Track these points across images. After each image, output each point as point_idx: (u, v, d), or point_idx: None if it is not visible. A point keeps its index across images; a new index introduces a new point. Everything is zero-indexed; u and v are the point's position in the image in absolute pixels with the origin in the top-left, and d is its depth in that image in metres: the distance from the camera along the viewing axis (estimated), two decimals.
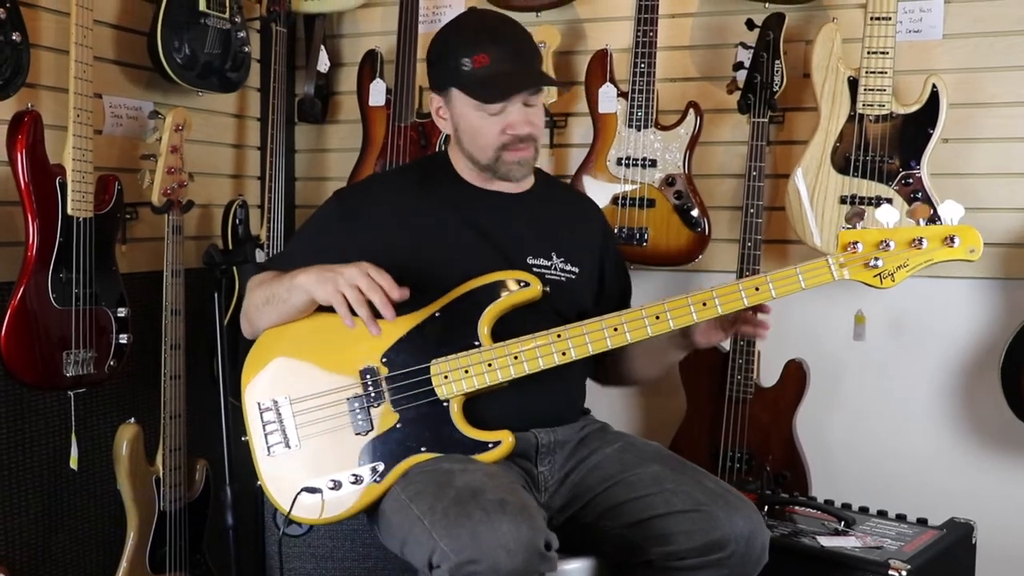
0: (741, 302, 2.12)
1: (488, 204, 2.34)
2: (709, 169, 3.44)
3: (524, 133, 2.24)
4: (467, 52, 2.21)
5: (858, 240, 2.10)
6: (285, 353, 2.24)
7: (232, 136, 3.83)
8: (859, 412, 3.37)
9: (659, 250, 3.30)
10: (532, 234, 2.34)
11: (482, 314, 2.18)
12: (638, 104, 3.25)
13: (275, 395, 2.20)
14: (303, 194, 4.03)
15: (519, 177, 2.31)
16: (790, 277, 2.10)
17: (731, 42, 3.33)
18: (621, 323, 2.13)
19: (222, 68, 3.40)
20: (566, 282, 2.33)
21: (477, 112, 2.25)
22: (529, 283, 2.20)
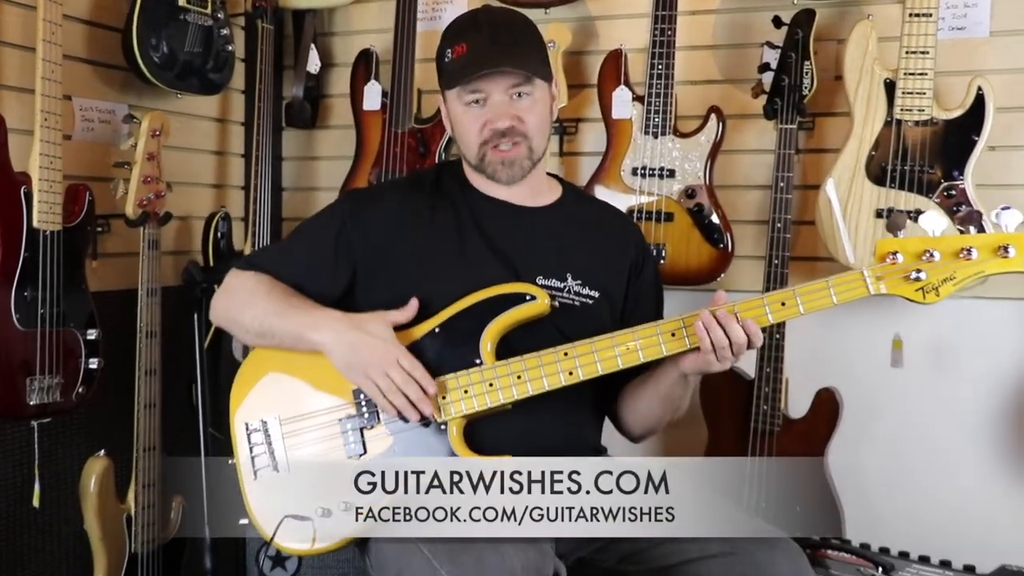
0: (765, 318, 2.09)
1: (500, 216, 2.34)
2: (732, 180, 3.43)
3: (503, 127, 2.23)
4: (450, 44, 2.26)
5: (898, 250, 2.05)
6: (276, 371, 2.26)
7: (214, 142, 3.83)
8: (898, 446, 3.36)
9: (678, 268, 3.29)
10: (547, 251, 2.32)
11: (484, 330, 2.17)
12: (655, 109, 3.25)
13: (264, 415, 2.22)
14: (291, 205, 4.02)
15: (506, 179, 2.29)
16: (820, 291, 2.07)
17: (756, 41, 3.34)
18: (634, 340, 2.12)
19: (203, 68, 3.39)
20: (580, 307, 2.30)
21: (461, 106, 2.26)
22: (535, 297, 2.18)
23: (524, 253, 2.29)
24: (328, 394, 2.20)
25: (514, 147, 2.26)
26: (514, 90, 2.23)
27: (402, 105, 3.52)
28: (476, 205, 2.34)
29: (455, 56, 2.24)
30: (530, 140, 2.27)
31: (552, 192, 2.41)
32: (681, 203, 3.27)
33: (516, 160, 2.27)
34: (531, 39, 2.32)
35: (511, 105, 2.24)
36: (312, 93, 3.88)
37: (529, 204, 2.36)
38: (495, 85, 2.22)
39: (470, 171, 2.37)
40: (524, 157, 2.28)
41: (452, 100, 2.29)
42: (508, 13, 2.35)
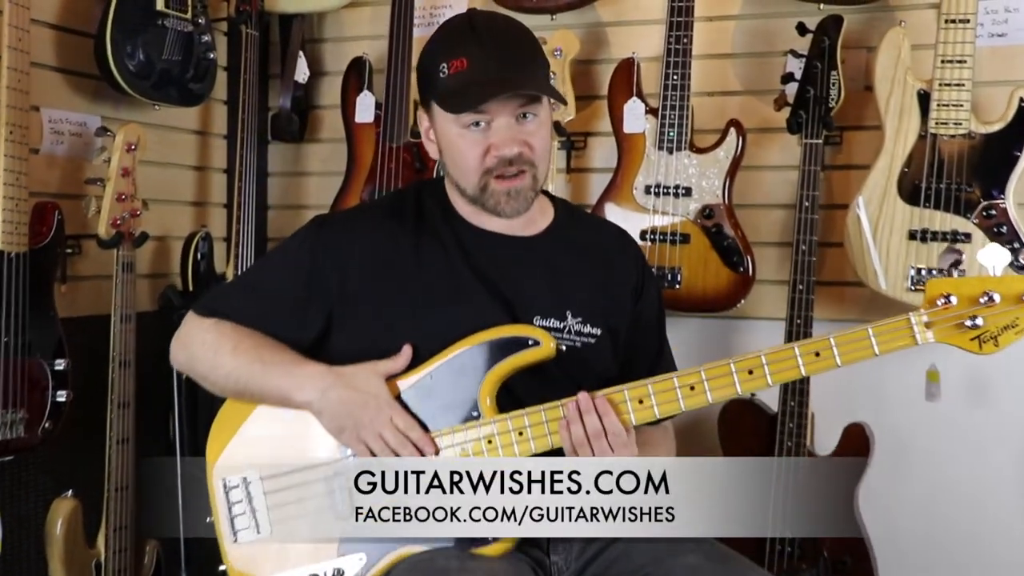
0: (797, 370, 2.02)
1: (490, 250, 2.25)
2: (753, 198, 3.43)
3: (511, 154, 2.13)
4: (445, 57, 2.13)
5: (951, 292, 1.97)
6: (256, 422, 2.22)
7: (194, 157, 3.83)
8: (933, 486, 3.34)
9: (694, 293, 3.28)
10: (544, 287, 2.24)
11: (483, 379, 2.11)
12: (670, 122, 3.25)
13: (244, 471, 2.18)
14: (277, 225, 4.01)
15: (511, 213, 2.19)
16: (860, 341, 2.00)
17: (779, 49, 3.32)
18: (648, 394, 2.06)
19: (183, 77, 3.39)
20: (582, 348, 2.23)
21: (457, 128, 2.15)
22: (539, 341, 2.11)
23: (520, 290, 2.22)
24: (315, 448, 2.16)
25: (519, 176, 2.16)
26: (520, 110, 2.13)
27: (397, 117, 3.51)
28: (464, 237, 2.26)
29: (453, 72, 2.12)
30: (536, 168, 2.18)
31: (544, 215, 2.33)
32: (698, 224, 3.26)
33: (522, 191, 2.17)
34: (536, 51, 2.22)
35: (518, 129, 2.14)
36: (300, 104, 3.87)
37: (521, 233, 2.28)
38: (502, 107, 2.11)
39: (457, 198, 2.27)
40: (529, 188, 2.18)
41: (444, 121, 2.18)
42: (507, 21, 2.24)
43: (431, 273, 2.21)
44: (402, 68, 3.52)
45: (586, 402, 2.03)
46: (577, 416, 2.03)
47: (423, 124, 2.27)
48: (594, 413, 2.03)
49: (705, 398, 2.04)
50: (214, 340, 2.22)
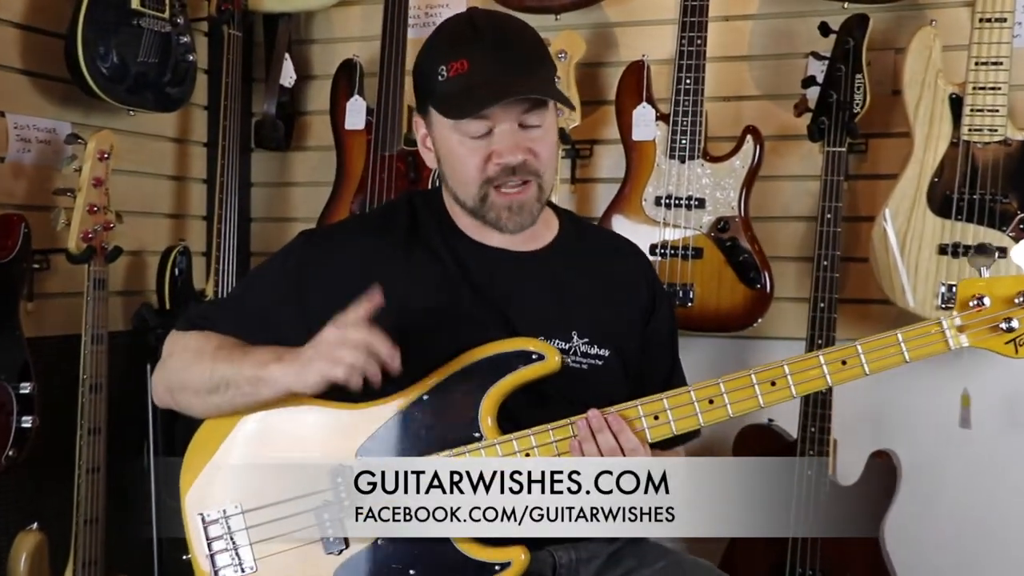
0: (823, 380, 2.03)
1: (491, 264, 2.25)
2: (771, 210, 3.43)
3: (514, 162, 2.12)
4: (445, 58, 2.12)
5: (984, 294, 1.98)
6: (234, 445, 2.20)
7: (172, 166, 3.84)
8: (966, 519, 3.33)
9: (708, 311, 3.27)
10: (548, 307, 2.24)
11: (483, 397, 2.11)
12: (682, 129, 3.25)
13: (224, 503, 2.16)
14: (261, 238, 4.01)
15: (513, 228, 2.19)
16: (889, 347, 2.00)
17: (800, 51, 3.35)
18: (663, 409, 2.06)
19: (159, 81, 3.38)
20: (589, 370, 2.23)
21: (456, 135, 2.14)
22: (544, 355, 2.11)
23: (522, 309, 2.22)
24: (301, 476, 2.13)
25: (524, 187, 2.15)
26: (524, 116, 2.12)
27: (390, 124, 3.51)
28: (462, 252, 2.26)
29: (452, 75, 2.10)
30: (541, 178, 2.17)
31: (548, 228, 2.33)
32: (712, 237, 3.26)
33: (525, 204, 2.16)
34: (541, 52, 2.21)
35: (522, 135, 2.13)
36: (286, 109, 3.87)
37: (524, 248, 2.28)
38: (506, 113, 2.10)
39: (456, 210, 2.27)
40: (534, 200, 2.17)
41: (442, 127, 2.17)
42: (510, 20, 2.23)
43: (426, 290, 2.21)
44: (396, 71, 3.51)
45: (597, 420, 2.03)
46: (590, 435, 2.03)
47: (419, 131, 2.26)
48: (607, 431, 2.03)
49: (725, 412, 2.04)
50: (197, 344, 2.22)
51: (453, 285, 2.22)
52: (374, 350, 1.96)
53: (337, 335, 1.98)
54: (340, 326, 1.99)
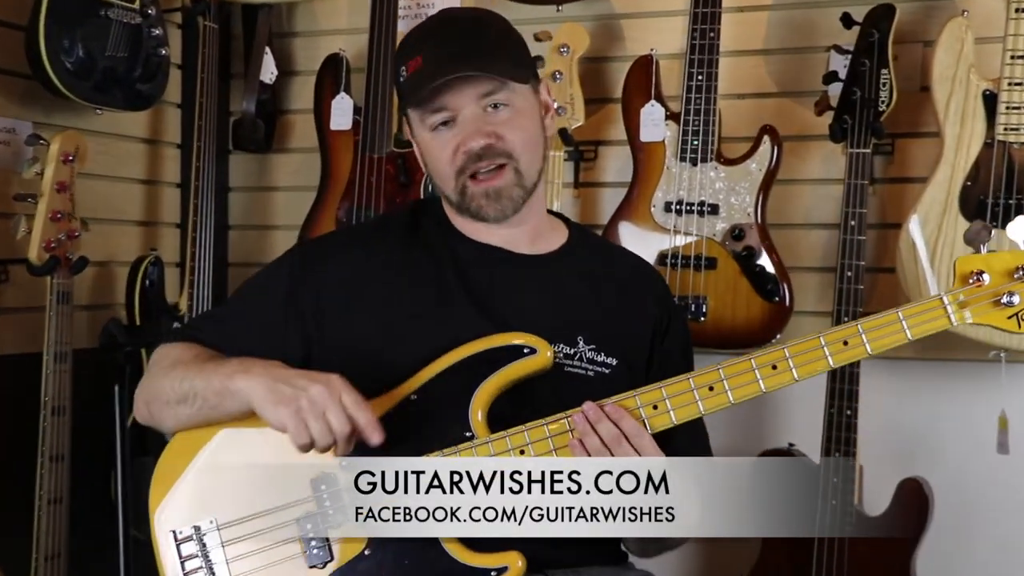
0: (825, 362, 2.08)
1: (492, 266, 2.31)
2: (790, 217, 3.44)
3: (477, 147, 2.20)
4: (404, 59, 2.26)
5: (983, 269, 2.04)
6: (208, 461, 2.21)
7: (142, 169, 3.84)
8: (1005, 552, 3.32)
9: (722, 326, 3.27)
10: (552, 310, 2.29)
11: (474, 394, 2.14)
12: (694, 129, 3.25)
13: (197, 519, 2.16)
14: (240, 248, 4.03)
15: (494, 216, 2.26)
16: (889, 325, 2.06)
17: (821, 45, 3.33)
18: (662, 398, 2.11)
19: (129, 77, 3.37)
20: (595, 378, 2.26)
21: (426, 132, 2.25)
22: (535, 349, 2.15)
23: (523, 312, 2.27)
24: (280, 486, 2.15)
25: (498, 172, 2.22)
26: (487, 100, 2.21)
27: (379, 124, 3.51)
28: (461, 252, 2.32)
29: (410, 73, 2.23)
30: (516, 161, 2.23)
31: (556, 235, 2.40)
32: (726, 246, 3.26)
33: (503, 190, 2.23)
34: (502, 36, 2.30)
35: (484, 120, 2.21)
36: (267, 108, 3.87)
37: (528, 251, 2.34)
38: (462, 97, 2.20)
39: (451, 210, 2.35)
40: (512, 184, 2.24)
41: (416, 126, 2.29)
42: (472, 11, 2.43)
43: (420, 290, 2.27)
44: (385, 67, 3.50)
45: (595, 411, 2.08)
46: (589, 428, 2.08)
47: (412, 138, 2.36)
48: (607, 420, 2.08)
49: (726, 398, 2.09)
50: (177, 353, 2.26)
51: (450, 285, 2.27)
52: (344, 443, 2.02)
53: (325, 400, 2.02)
54: (334, 392, 2.02)
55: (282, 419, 2.01)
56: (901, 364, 3.28)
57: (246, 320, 2.29)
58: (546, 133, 2.31)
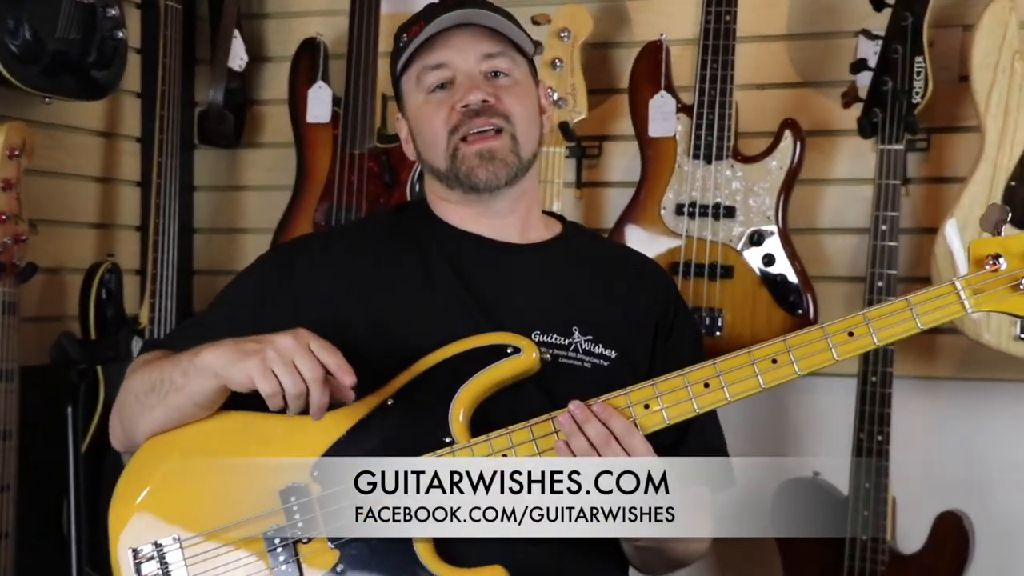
0: (828, 353, 2.08)
1: (480, 254, 2.34)
2: (814, 220, 3.45)
3: (475, 101, 2.24)
4: (405, 29, 2.32)
5: (1000, 252, 2.03)
6: (172, 471, 2.20)
7: (98, 166, 3.83)
8: None
9: (739, 342, 3.19)
10: (543, 300, 2.31)
11: (454, 398, 2.15)
12: (708, 123, 3.26)
13: (158, 534, 2.15)
14: (206, 253, 4.02)
15: (487, 180, 2.27)
16: (898, 313, 2.05)
17: (848, 29, 3.33)
18: (654, 396, 2.12)
19: (83, 62, 3.34)
20: (592, 370, 2.27)
21: (421, 95, 2.29)
22: (519, 349, 2.15)
23: (514, 301, 2.30)
24: (246, 499, 2.15)
25: (495, 135, 2.26)
26: (487, 64, 2.27)
27: (360, 116, 3.53)
28: (448, 243, 2.35)
29: (410, 37, 2.29)
30: (513, 127, 2.27)
31: (550, 228, 2.43)
32: (744, 253, 3.26)
33: (497, 152, 2.26)
34: (506, 13, 2.33)
35: (485, 81, 2.27)
36: (236, 98, 3.85)
37: (516, 240, 2.37)
38: (462, 53, 2.27)
39: (437, 200, 2.39)
40: (508, 150, 2.27)
41: (412, 97, 2.32)
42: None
43: (404, 284, 2.30)
44: (367, 53, 3.52)
45: (582, 411, 2.09)
46: (576, 429, 2.09)
47: (402, 129, 2.39)
48: (595, 420, 2.09)
49: (722, 395, 2.10)
50: (152, 356, 2.28)
51: (437, 277, 2.30)
52: (317, 387, 2.01)
53: (289, 348, 2.04)
54: (301, 340, 2.04)
55: (248, 372, 2.03)
56: (938, 384, 3.27)
57: (220, 327, 2.25)
58: (542, 129, 2.35)
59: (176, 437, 2.22)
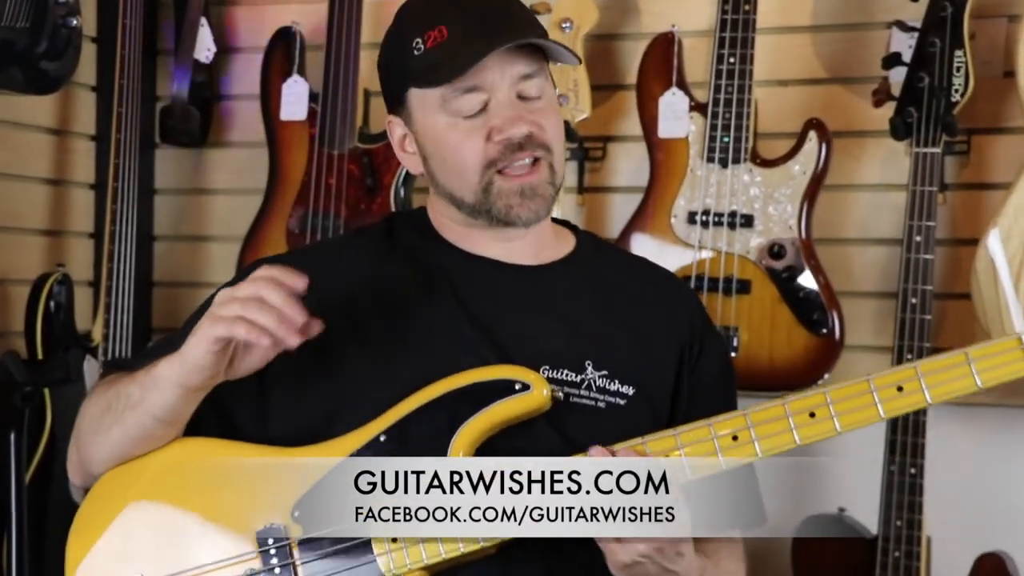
0: (874, 409, 2.02)
1: (486, 279, 2.29)
2: (841, 230, 3.46)
3: (520, 135, 2.16)
4: (419, 30, 2.21)
5: None
6: (137, 507, 2.19)
7: (47, 166, 3.85)
8: None
9: (758, 364, 3.28)
10: (554, 330, 2.26)
11: (454, 437, 2.13)
12: (724, 123, 3.27)
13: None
14: (167, 263, 4.03)
15: (527, 218, 2.21)
16: (955, 368, 1.98)
17: (881, 20, 3.35)
18: (675, 447, 2.09)
19: (31, 53, 3.35)
20: (607, 410, 2.23)
21: (446, 118, 2.19)
22: (529, 385, 2.12)
23: (521, 332, 2.25)
24: (220, 538, 2.14)
25: (534, 168, 2.19)
26: (521, 85, 2.18)
27: (340, 114, 3.54)
28: (448, 264, 2.30)
29: (431, 45, 2.18)
30: (552, 155, 2.20)
31: (562, 242, 2.37)
32: (763, 266, 3.28)
33: (538, 187, 2.19)
34: (526, 10, 2.30)
35: (523, 107, 2.18)
36: (202, 93, 3.87)
37: (529, 261, 2.31)
38: (499, 74, 2.17)
39: (445, 220, 2.32)
40: (546, 182, 2.20)
41: (427, 114, 2.22)
42: None
43: (399, 311, 2.26)
44: (348, 43, 3.54)
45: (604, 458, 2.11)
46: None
47: (396, 133, 2.32)
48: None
49: (752, 449, 2.07)
50: (111, 377, 2.26)
51: (433, 302, 2.26)
52: (272, 301, 2.01)
53: (225, 293, 2.06)
54: (232, 290, 2.06)
55: (204, 338, 2.02)
56: (977, 411, 3.25)
57: None
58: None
59: (139, 468, 2.20)
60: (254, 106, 3.68)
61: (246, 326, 2.00)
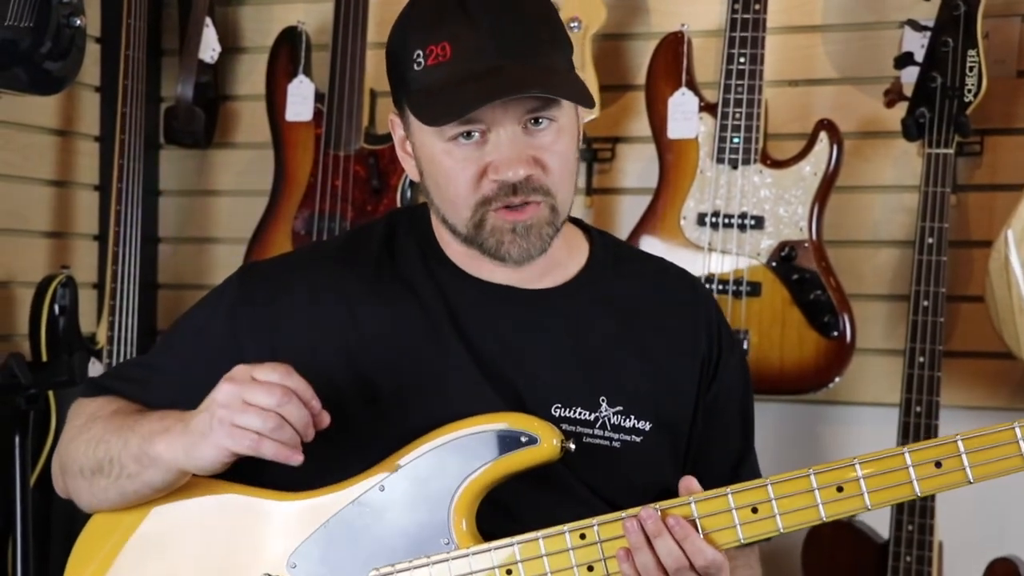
0: (909, 487, 1.93)
1: (489, 307, 2.21)
2: (852, 232, 3.46)
3: (515, 178, 2.06)
4: (421, 41, 2.09)
5: None
6: (129, 556, 2.16)
7: (51, 168, 3.85)
8: None
9: (768, 368, 3.27)
10: (566, 364, 2.19)
11: (456, 493, 2.08)
12: (734, 123, 3.28)
13: None
14: (172, 266, 4.04)
15: (518, 256, 2.12)
16: (1003, 445, 1.88)
17: (892, 19, 3.36)
18: (691, 516, 1.99)
19: (34, 53, 3.32)
20: (623, 449, 2.18)
21: (440, 142, 2.09)
22: (537, 438, 2.05)
23: (530, 368, 2.19)
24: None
25: (530, 207, 2.08)
26: (531, 115, 2.06)
27: (345, 114, 3.54)
28: (450, 288, 2.21)
29: (431, 63, 2.06)
30: (553, 198, 2.09)
31: (572, 255, 2.27)
32: (774, 268, 3.28)
33: (534, 226, 2.09)
34: (553, 26, 2.15)
35: (525, 141, 2.07)
36: (207, 93, 3.87)
37: (536, 284, 2.22)
38: (504, 113, 2.04)
39: (446, 235, 2.22)
40: (545, 222, 2.10)
41: (422, 131, 2.12)
42: None
43: (397, 345, 2.19)
44: (354, 43, 3.54)
45: (655, 522, 1.97)
46: (644, 540, 1.98)
47: (396, 132, 2.23)
48: (668, 535, 1.97)
49: (774, 524, 1.97)
50: (93, 410, 2.22)
51: (434, 332, 2.18)
52: (293, 420, 1.95)
53: (234, 394, 1.97)
54: (241, 379, 1.98)
55: (215, 447, 1.97)
56: (991, 415, 3.21)
57: (176, 372, 2.23)
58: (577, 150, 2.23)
59: (133, 515, 2.18)
60: (259, 107, 3.69)
61: (267, 444, 1.95)
